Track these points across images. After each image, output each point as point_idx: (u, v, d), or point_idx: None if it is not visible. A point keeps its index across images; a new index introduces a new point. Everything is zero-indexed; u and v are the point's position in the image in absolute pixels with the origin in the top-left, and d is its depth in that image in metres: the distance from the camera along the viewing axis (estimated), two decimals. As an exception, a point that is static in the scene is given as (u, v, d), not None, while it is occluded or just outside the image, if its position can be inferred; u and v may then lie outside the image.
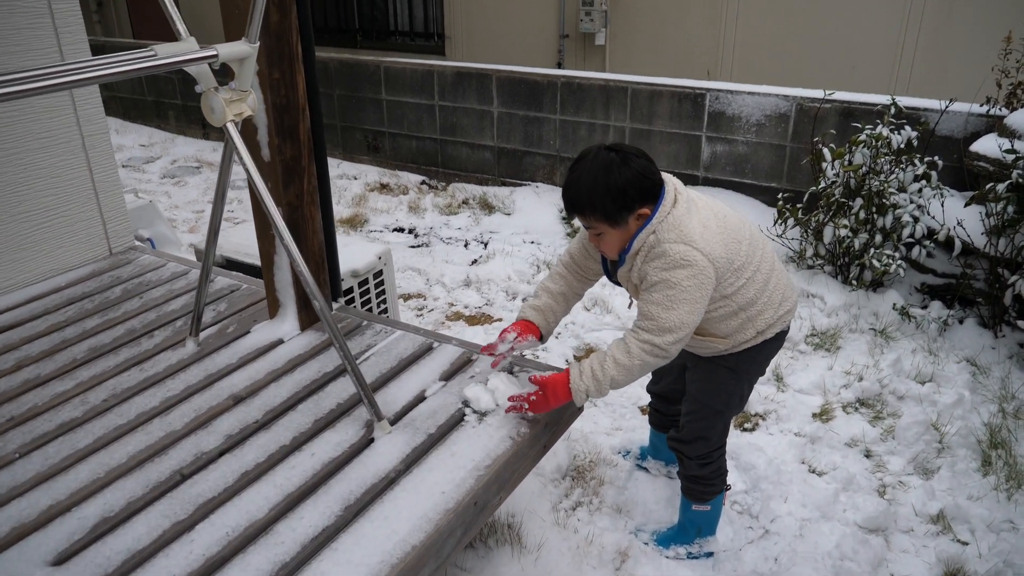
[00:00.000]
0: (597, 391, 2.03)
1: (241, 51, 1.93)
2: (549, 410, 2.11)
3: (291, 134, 2.41)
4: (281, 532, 1.77)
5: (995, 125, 4.07)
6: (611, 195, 1.93)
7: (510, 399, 2.16)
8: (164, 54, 1.77)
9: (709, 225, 1.99)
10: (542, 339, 2.26)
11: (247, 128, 2.36)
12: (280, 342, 2.60)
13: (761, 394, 3.36)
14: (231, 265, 3.38)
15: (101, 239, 3.34)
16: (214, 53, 1.85)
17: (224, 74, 2.00)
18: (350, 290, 3.23)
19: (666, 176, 2.02)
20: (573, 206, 2.01)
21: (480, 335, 3.88)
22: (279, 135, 2.37)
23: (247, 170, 1.98)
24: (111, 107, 8.38)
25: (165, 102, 7.95)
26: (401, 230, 5.49)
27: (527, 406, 2.11)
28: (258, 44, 1.96)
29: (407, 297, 4.38)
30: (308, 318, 2.66)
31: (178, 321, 2.77)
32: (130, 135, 7.95)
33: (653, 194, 1.97)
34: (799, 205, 4.41)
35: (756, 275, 2.09)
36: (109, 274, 3.19)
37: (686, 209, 1.98)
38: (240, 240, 3.47)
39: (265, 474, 1.96)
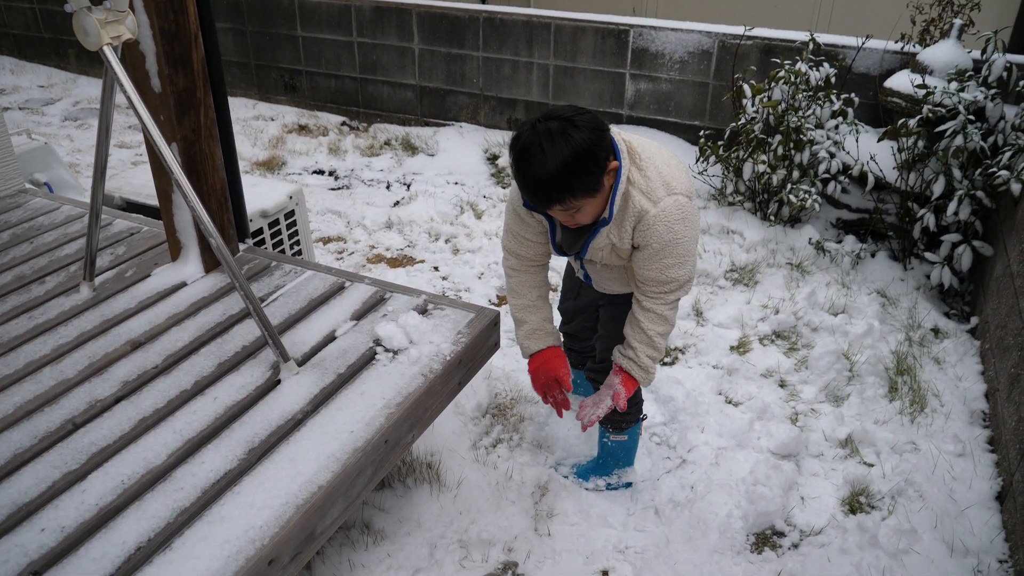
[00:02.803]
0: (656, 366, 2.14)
1: (115, -35, 1.77)
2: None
3: (183, 63, 2.26)
4: (180, 478, 1.70)
5: (909, 61, 4.13)
6: (585, 166, 1.72)
7: (582, 415, 2.15)
8: (25, -34, 1.61)
9: (668, 161, 1.95)
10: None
11: (134, 57, 2.20)
12: (183, 285, 2.48)
13: (681, 329, 3.39)
14: (132, 207, 3.20)
15: (-14, 182, 3.12)
16: (83, -34, 1.69)
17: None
18: (260, 231, 3.10)
19: None
20: (551, 199, 1.76)
21: (402, 276, 3.80)
22: (169, 64, 2.21)
23: (128, 98, 1.84)
24: (3, 45, 7.81)
25: (64, 39, 7.42)
26: (321, 172, 5.31)
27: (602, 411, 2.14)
28: (135, -42, 1.80)
29: (327, 240, 4.25)
30: (212, 259, 2.53)
31: (72, 266, 2.62)
32: (27, 75, 7.42)
33: (609, 141, 1.83)
34: (720, 142, 4.42)
35: None
36: (-4, 219, 2.99)
37: (643, 153, 1.90)
38: (141, 181, 3.29)
39: (164, 420, 1.88)
